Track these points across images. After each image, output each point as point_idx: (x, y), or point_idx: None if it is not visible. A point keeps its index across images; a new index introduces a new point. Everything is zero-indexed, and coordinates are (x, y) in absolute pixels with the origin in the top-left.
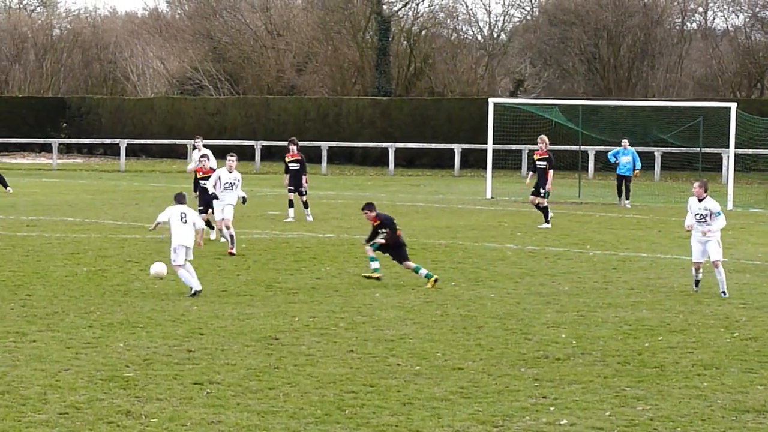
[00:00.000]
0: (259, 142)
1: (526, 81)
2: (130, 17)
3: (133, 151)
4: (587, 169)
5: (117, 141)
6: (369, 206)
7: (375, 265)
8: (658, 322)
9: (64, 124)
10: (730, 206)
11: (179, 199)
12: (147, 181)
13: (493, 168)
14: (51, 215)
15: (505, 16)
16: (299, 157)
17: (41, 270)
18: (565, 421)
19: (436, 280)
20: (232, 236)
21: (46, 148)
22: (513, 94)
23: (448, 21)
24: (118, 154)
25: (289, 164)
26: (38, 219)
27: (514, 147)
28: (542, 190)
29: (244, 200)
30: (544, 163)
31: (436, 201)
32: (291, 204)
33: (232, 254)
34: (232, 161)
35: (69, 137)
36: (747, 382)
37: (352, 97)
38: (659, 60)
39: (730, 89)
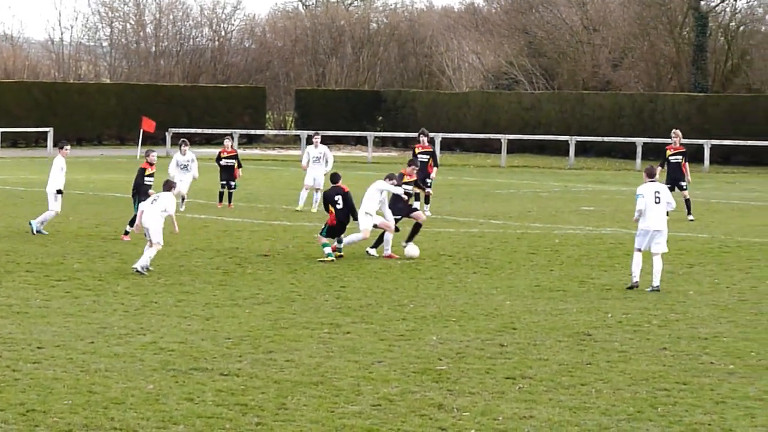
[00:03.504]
0: (573, 137)
1: None
2: (447, 11)
3: (447, 145)
4: None
5: (432, 135)
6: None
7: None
8: None
9: (380, 118)
10: None
11: (165, 186)
12: (461, 175)
13: None
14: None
15: None
16: (430, 149)
17: (355, 262)
18: None
19: (332, 260)
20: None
21: (361, 141)
22: None
23: (767, 17)
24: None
25: (419, 155)
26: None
27: None
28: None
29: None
30: (679, 156)
31: (752, 199)
32: (427, 199)
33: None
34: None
35: (384, 130)
36: None
37: (668, 93)
38: None
39: None
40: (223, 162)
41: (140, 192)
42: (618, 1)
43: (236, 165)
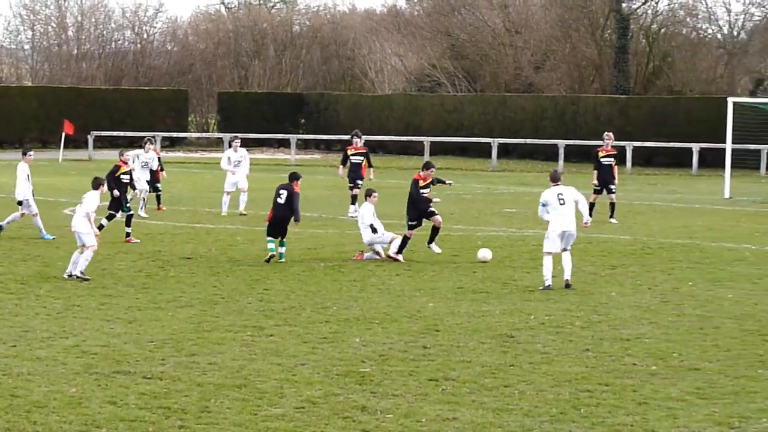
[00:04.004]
0: (495, 139)
1: (766, 80)
2: (369, 14)
3: (371, 147)
4: None
5: None
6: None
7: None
8: None
9: (302, 120)
10: None
11: (93, 184)
12: (384, 177)
13: (731, 168)
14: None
15: (745, 15)
16: (364, 150)
17: (279, 265)
18: None
19: (267, 261)
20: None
21: (284, 144)
22: (753, 94)
23: (688, 19)
24: None
25: (351, 157)
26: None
27: (753, 147)
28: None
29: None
30: (611, 159)
31: (673, 200)
32: (354, 200)
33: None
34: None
35: (307, 133)
36: None
37: (590, 95)
38: None
39: None
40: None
41: (119, 191)
42: (540, 3)
43: (159, 167)
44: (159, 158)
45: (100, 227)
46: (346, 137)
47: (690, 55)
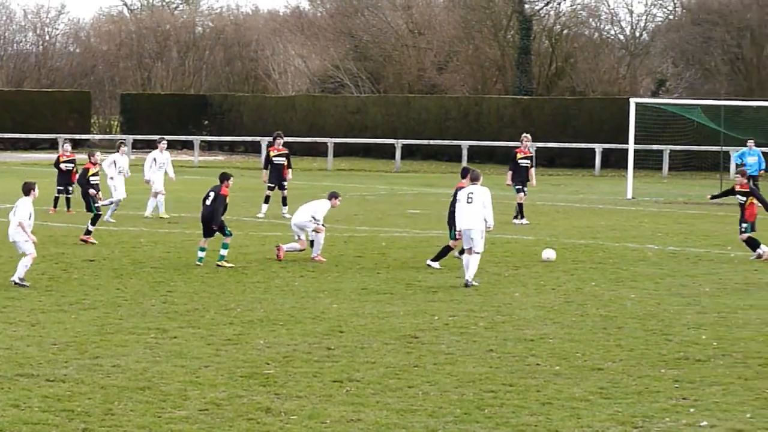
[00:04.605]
0: (399, 140)
1: (668, 81)
2: (272, 15)
3: None
4: (729, 170)
5: (258, 139)
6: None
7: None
8: None
9: (206, 122)
10: None
11: (23, 189)
12: None
13: (634, 168)
14: (192, 212)
15: (647, 16)
16: (285, 151)
17: (182, 267)
18: (705, 423)
19: (218, 265)
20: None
21: (187, 146)
22: (655, 94)
23: (590, 20)
24: (260, 152)
25: (274, 158)
26: (180, 216)
27: (655, 147)
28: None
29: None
30: (528, 161)
31: (576, 201)
32: (267, 200)
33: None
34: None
35: (210, 135)
36: None
37: (493, 96)
38: None
39: None
40: (62, 166)
41: (88, 187)
42: (443, 4)
43: (74, 169)
44: (74, 160)
45: (89, 232)
46: (250, 139)
47: (592, 56)
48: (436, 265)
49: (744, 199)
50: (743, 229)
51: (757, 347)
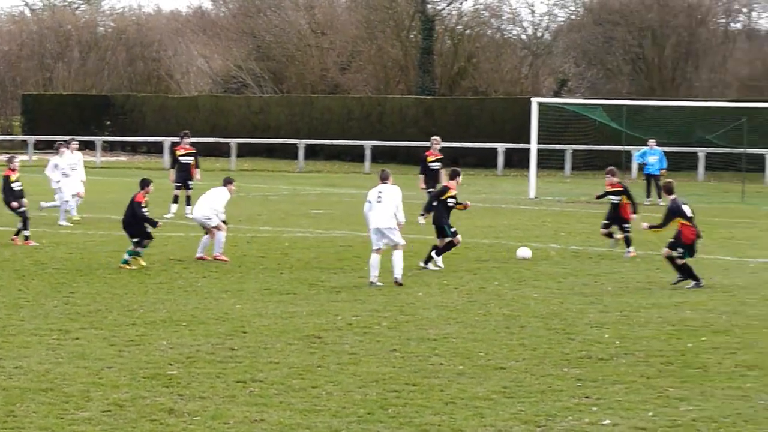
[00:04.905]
0: (302, 140)
1: (570, 81)
2: (174, 15)
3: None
4: (630, 169)
5: (161, 139)
6: None
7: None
8: (701, 323)
9: (108, 122)
10: None
11: None
12: None
13: (536, 168)
14: (94, 213)
15: (549, 16)
16: (193, 150)
17: (85, 267)
18: (608, 421)
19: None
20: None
21: (89, 146)
22: (557, 94)
23: (493, 20)
24: (162, 153)
25: (180, 158)
26: (82, 216)
27: (557, 147)
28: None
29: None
30: (438, 163)
31: (479, 200)
32: (176, 200)
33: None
34: None
35: (112, 135)
36: None
37: (396, 96)
38: (703, 60)
39: None
40: None
41: (11, 199)
42: (345, 5)
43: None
44: None
45: (26, 237)
46: (152, 139)
47: (495, 56)
48: (439, 261)
49: (617, 198)
50: (679, 254)
51: (658, 346)
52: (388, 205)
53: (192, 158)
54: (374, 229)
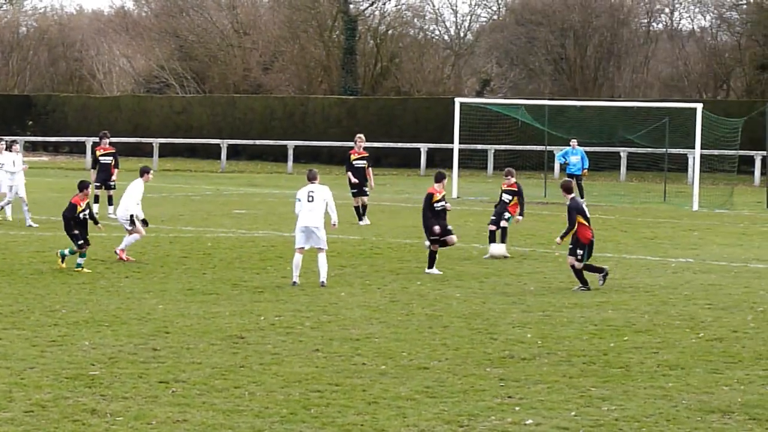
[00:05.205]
0: (225, 140)
1: (492, 81)
2: (97, 15)
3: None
4: (553, 169)
5: (83, 139)
6: None
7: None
8: (623, 323)
9: (30, 122)
10: (695, 207)
11: None
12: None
13: (459, 168)
14: (16, 213)
15: (471, 16)
16: (112, 150)
17: (6, 268)
18: (530, 421)
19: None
20: None
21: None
22: (479, 94)
23: (415, 20)
24: (84, 152)
25: (101, 158)
26: (5, 219)
27: (480, 147)
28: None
29: None
30: (363, 161)
31: (402, 200)
32: (96, 200)
33: None
34: None
35: (35, 135)
36: (712, 382)
37: (319, 96)
38: (625, 60)
39: (696, 90)
40: None
41: None
42: (268, 5)
43: None
44: None
45: None
46: (75, 139)
47: (417, 56)
48: (435, 270)
49: (510, 198)
50: (579, 257)
51: (581, 345)
52: (319, 204)
53: (111, 158)
54: (303, 227)
